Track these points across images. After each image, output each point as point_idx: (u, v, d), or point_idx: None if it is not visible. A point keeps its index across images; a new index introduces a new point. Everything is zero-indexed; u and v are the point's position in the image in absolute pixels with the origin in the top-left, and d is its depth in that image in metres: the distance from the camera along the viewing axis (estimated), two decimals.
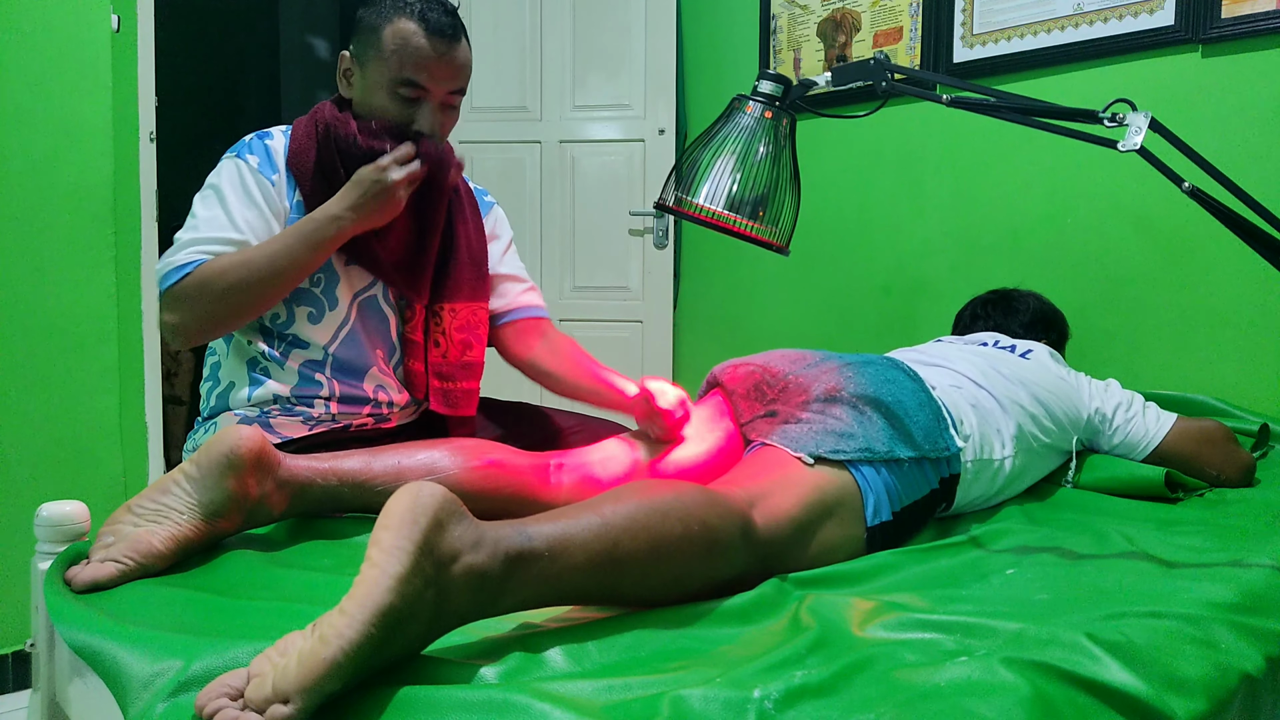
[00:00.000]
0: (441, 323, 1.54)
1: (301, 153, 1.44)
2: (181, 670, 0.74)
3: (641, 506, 0.91)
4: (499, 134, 3.12)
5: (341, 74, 1.49)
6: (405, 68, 1.41)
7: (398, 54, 1.41)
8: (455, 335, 1.54)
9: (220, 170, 1.44)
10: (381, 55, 1.42)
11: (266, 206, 1.42)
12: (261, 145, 1.46)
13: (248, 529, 1.10)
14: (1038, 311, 1.82)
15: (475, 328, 1.57)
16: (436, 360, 1.53)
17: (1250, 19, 1.85)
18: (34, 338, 2.00)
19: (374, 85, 1.44)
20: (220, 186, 1.42)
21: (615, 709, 0.70)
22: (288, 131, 1.49)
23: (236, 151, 1.45)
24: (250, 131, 1.49)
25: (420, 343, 1.53)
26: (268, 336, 1.45)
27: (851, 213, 2.60)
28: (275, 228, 1.43)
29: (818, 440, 1.18)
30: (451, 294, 1.55)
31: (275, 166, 1.44)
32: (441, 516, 0.76)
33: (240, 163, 1.43)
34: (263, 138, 1.47)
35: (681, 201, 1.16)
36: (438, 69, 1.43)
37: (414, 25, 1.41)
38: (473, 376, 1.57)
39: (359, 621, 0.68)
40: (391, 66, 1.42)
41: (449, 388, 1.54)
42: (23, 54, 1.96)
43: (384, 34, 1.42)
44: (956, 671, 0.76)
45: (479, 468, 1.20)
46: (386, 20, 1.42)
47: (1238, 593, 0.97)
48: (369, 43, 1.44)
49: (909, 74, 1.19)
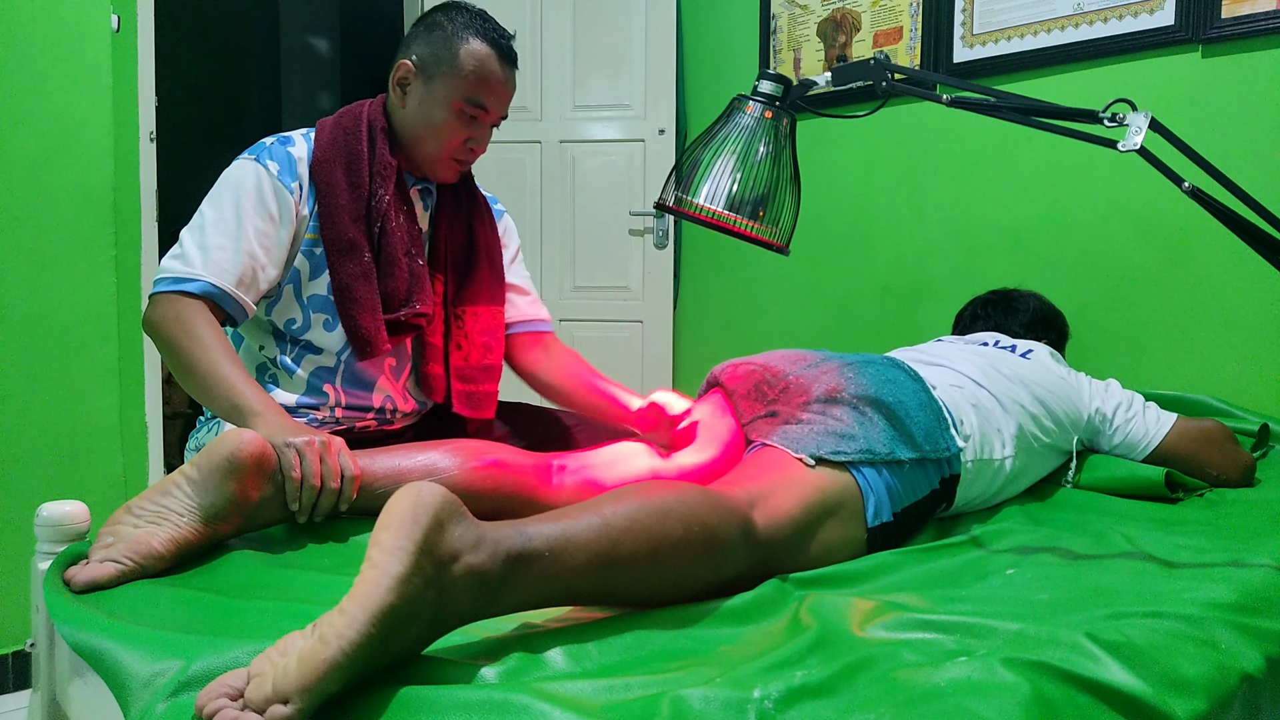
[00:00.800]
0: (464, 326, 1.55)
1: (326, 162, 1.43)
2: (181, 670, 0.74)
3: (642, 507, 0.91)
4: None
5: (396, 82, 1.48)
6: (478, 89, 1.45)
7: (474, 75, 1.44)
8: (477, 338, 1.56)
9: (236, 172, 1.41)
10: (455, 72, 1.44)
11: (281, 217, 1.40)
12: (283, 152, 1.44)
13: (248, 531, 1.10)
14: (1038, 311, 1.82)
15: (495, 331, 1.59)
16: (459, 363, 1.54)
17: (1250, 19, 1.85)
18: (34, 338, 2.00)
19: (439, 99, 1.45)
20: (235, 190, 1.39)
21: (615, 709, 0.70)
22: (309, 135, 1.48)
23: (256, 155, 1.43)
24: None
25: (440, 346, 1.53)
26: (281, 341, 1.45)
27: (851, 213, 2.60)
28: (286, 239, 1.41)
29: (819, 441, 1.18)
30: (473, 297, 1.56)
31: (295, 174, 1.43)
32: (442, 517, 0.76)
33: (259, 168, 1.41)
34: (284, 143, 1.45)
35: (682, 201, 1.16)
36: (504, 94, 1.49)
37: (489, 49, 1.45)
38: (493, 379, 1.58)
39: (359, 621, 0.68)
40: (464, 85, 1.44)
41: (472, 390, 1.54)
42: (23, 54, 1.96)
43: (459, 51, 1.44)
44: (956, 671, 0.76)
45: (480, 468, 1.20)
46: (461, 38, 1.44)
47: (1238, 593, 0.97)
48: (440, 57, 1.44)
49: (909, 74, 1.19)
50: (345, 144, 1.45)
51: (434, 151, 1.48)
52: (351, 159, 1.44)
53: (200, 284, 1.32)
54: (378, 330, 1.43)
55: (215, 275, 1.33)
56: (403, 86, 1.48)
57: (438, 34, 1.46)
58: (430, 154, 1.49)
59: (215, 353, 1.28)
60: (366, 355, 1.43)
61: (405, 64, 1.47)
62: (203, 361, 1.27)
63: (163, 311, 1.32)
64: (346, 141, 1.45)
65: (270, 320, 1.45)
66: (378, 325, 1.43)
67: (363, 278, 1.42)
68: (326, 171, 1.43)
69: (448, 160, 1.50)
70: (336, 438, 1.17)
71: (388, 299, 1.44)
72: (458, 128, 1.46)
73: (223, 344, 1.30)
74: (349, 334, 1.43)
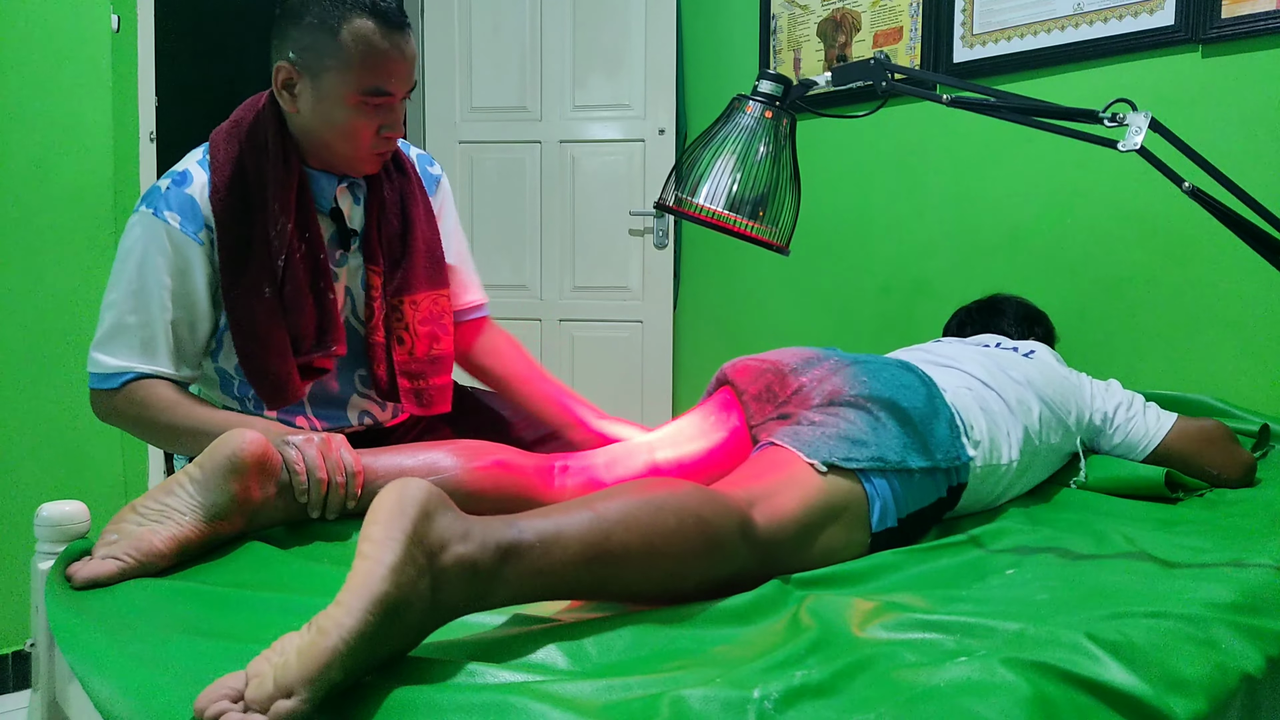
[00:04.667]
0: (403, 318, 1.43)
1: (225, 190, 1.30)
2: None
3: (635, 500, 0.92)
4: (499, 134, 3.12)
5: (281, 86, 1.30)
6: (373, 75, 1.26)
7: (364, 60, 1.25)
8: (420, 329, 1.44)
9: (136, 233, 1.29)
10: (342, 63, 1.25)
11: (194, 269, 1.30)
12: (180, 195, 1.30)
13: (251, 530, 1.10)
14: (1021, 308, 1.83)
15: (439, 317, 1.47)
16: (403, 359, 1.43)
17: (1250, 19, 1.85)
18: (34, 338, 2.00)
19: (333, 98, 1.28)
20: (140, 255, 1.28)
21: (615, 709, 0.70)
22: (205, 161, 1.33)
23: (153, 208, 1.29)
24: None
25: (382, 344, 1.42)
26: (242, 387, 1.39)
27: (851, 213, 2.60)
28: (205, 289, 1.31)
29: (831, 446, 1.17)
30: (410, 285, 1.44)
31: (199, 219, 1.30)
32: (429, 508, 0.77)
33: (157, 224, 1.28)
34: (180, 183, 1.31)
35: (681, 201, 1.16)
36: (403, 69, 1.29)
37: (371, 23, 1.24)
38: (443, 371, 1.48)
39: (356, 610, 0.69)
40: (356, 75, 1.26)
41: (420, 386, 1.45)
42: (23, 54, 1.96)
43: (339, 36, 1.24)
44: (956, 671, 0.76)
45: (482, 468, 1.20)
46: (337, 19, 1.24)
47: (1238, 593, 0.97)
48: (321, 49, 1.26)
49: (909, 74, 1.19)
50: (242, 166, 1.31)
51: (348, 153, 1.33)
52: (251, 183, 1.30)
53: (128, 376, 1.29)
54: (289, 375, 1.31)
55: (141, 363, 1.29)
56: (289, 90, 1.30)
57: (309, 20, 1.26)
58: (345, 155, 1.34)
59: (182, 407, 1.28)
60: (277, 404, 1.32)
61: (283, 66, 1.28)
62: (176, 418, 1.27)
63: (110, 406, 1.30)
64: (242, 164, 1.31)
65: (221, 369, 1.39)
66: (289, 370, 1.31)
67: (265, 317, 1.30)
68: (226, 203, 1.30)
69: (367, 155, 1.34)
70: (336, 435, 1.17)
71: (296, 341, 1.32)
72: (365, 122, 1.29)
73: (184, 397, 1.29)
74: (253, 380, 1.32)
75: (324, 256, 1.35)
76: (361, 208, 1.43)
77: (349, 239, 1.41)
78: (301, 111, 1.31)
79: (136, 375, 1.29)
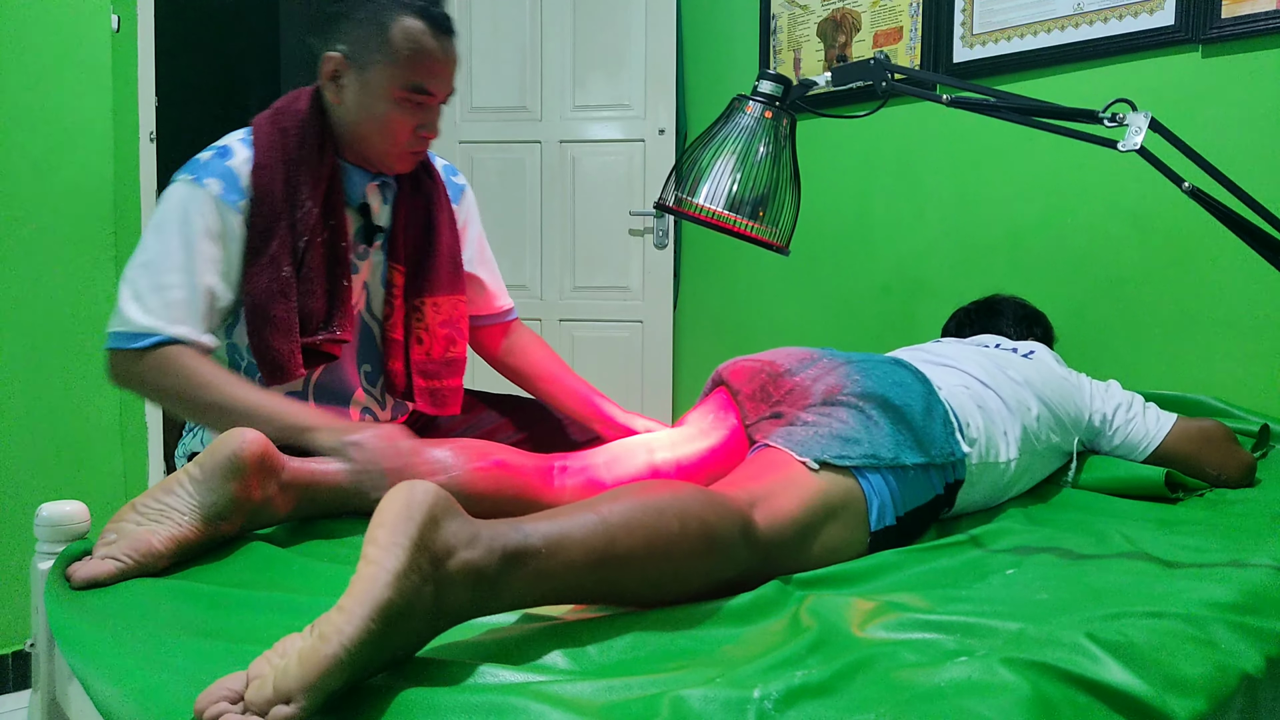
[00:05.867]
0: (424, 318, 1.47)
1: (267, 168, 1.32)
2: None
3: (639, 504, 0.91)
4: (499, 134, 3.12)
5: (328, 77, 1.35)
6: (418, 73, 1.32)
7: (411, 58, 1.31)
8: (439, 331, 1.48)
9: (176, 197, 1.31)
10: (390, 59, 1.31)
11: (229, 237, 1.31)
12: (222, 166, 1.32)
13: (251, 530, 1.10)
14: (1020, 308, 1.83)
15: (457, 322, 1.51)
16: (420, 358, 1.47)
17: (1250, 19, 1.85)
18: (34, 338, 2.00)
19: (377, 92, 1.33)
20: (179, 216, 1.29)
21: (615, 709, 0.70)
22: (249, 139, 1.36)
23: (194, 175, 1.31)
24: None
25: (400, 341, 1.46)
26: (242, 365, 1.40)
27: (851, 213, 2.60)
28: (237, 258, 1.32)
29: (823, 445, 1.17)
30: (432, 287, 1.48)
31: (239, 189, 1.32)
32: (436, 513, 0.76)
33: (198, 190, 1.30)
34: (222, 155, 1.34)
35: (681, 201, 1.16)
36: (446, 71, 1.36)
37: (422, 24, 1.31)
38: (457, 373, 1.52)
39: (358, 617, 0.68)
40: (402, 72, 1.32)
41: (435, 386, 1.48)
42: (23, 54, 1.96)
43: (389, 34, 1.30)
44: (956, 671, 0.76)
45: (483, 469, 1.20)
46: (389, 17, 1.30)
47: (1238, 593, 0.97)
48: (370, 43, 1.31)
49: (909, 74, 1.19)
50: (283, 148, 1.34)
51: (384, 147, 1.38)
52: (289, 166, 1.34)
53: (159, 338, 1.26)
54: (291, 354, 1.32)
55: (175, 324, 1.26)
56: (336, 81, 1.35)
57: (361, 15, 1.32)
58: (381, 150, 1.38)
59: (228, 386, 1.24)
60: (275, 380, 1.33)
61: (334, 57, 1.34)
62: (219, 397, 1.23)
63: (133, 370, 1.26)
64: (284, 145, 1.34)
65: (233, 345, 1.40)
66: (292, 349, 1.32)
67: (280, 294, 1.32)
68: (266, 178, 1.32)
69: (401, 153, 1.39)
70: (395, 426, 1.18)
71: (304, 320, 1.34)
72: (404, 118, 1.35)
73: (225, 373, 1.27)
74: (257, 355, 1.32)
75: (345, 245, 1.39)
76: (389, 207, 1.47)
77: (374, 235, 1.45)
78: (345, 103, 1.36)
79: (166, 339, 1.26)
